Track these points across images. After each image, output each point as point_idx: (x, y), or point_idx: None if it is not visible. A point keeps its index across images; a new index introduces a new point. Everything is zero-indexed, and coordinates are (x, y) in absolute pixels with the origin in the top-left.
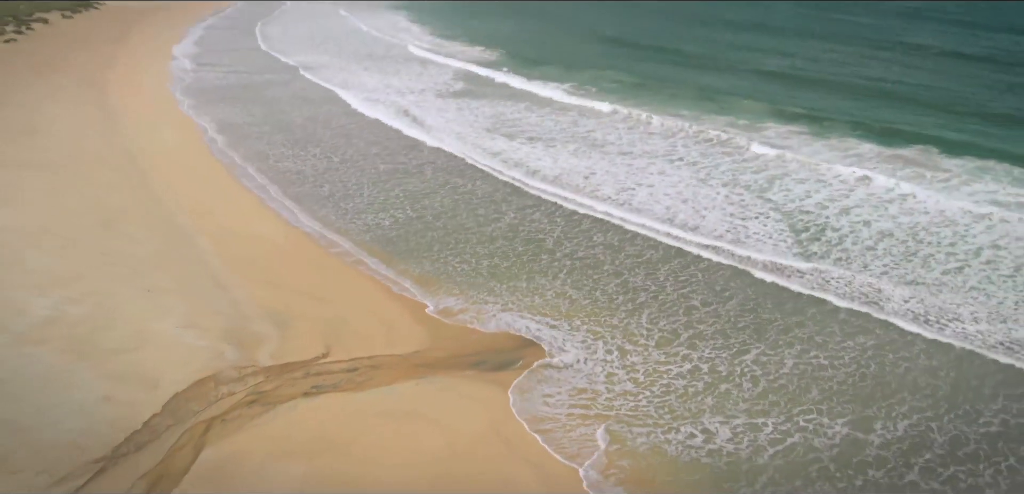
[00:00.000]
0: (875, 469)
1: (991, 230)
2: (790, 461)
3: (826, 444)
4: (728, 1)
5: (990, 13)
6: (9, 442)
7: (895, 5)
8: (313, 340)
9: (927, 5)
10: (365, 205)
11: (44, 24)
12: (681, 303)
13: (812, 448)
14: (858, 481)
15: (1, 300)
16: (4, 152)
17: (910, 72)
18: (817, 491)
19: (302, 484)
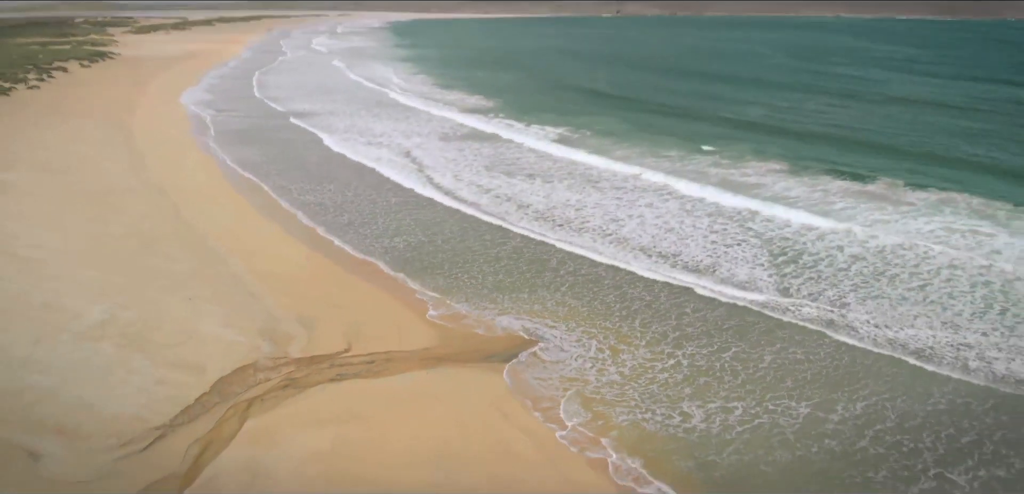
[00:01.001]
0: (832, 440)
1: (948, 252)
2: (756, 435)
3: (790, 422)
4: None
5: (968, 65)
6: (80, 416)
7: (877, 57)
8: (336, 338)
9: (906, 59)
10: (380, 231)
11: (63, 73)
12: (673, 310)
13: (777, 425)
14: (814, 448)
15: (59, 307)
16: (45, 186)
17: (884, 120)
18: (777, 457)
19: (331, 446)
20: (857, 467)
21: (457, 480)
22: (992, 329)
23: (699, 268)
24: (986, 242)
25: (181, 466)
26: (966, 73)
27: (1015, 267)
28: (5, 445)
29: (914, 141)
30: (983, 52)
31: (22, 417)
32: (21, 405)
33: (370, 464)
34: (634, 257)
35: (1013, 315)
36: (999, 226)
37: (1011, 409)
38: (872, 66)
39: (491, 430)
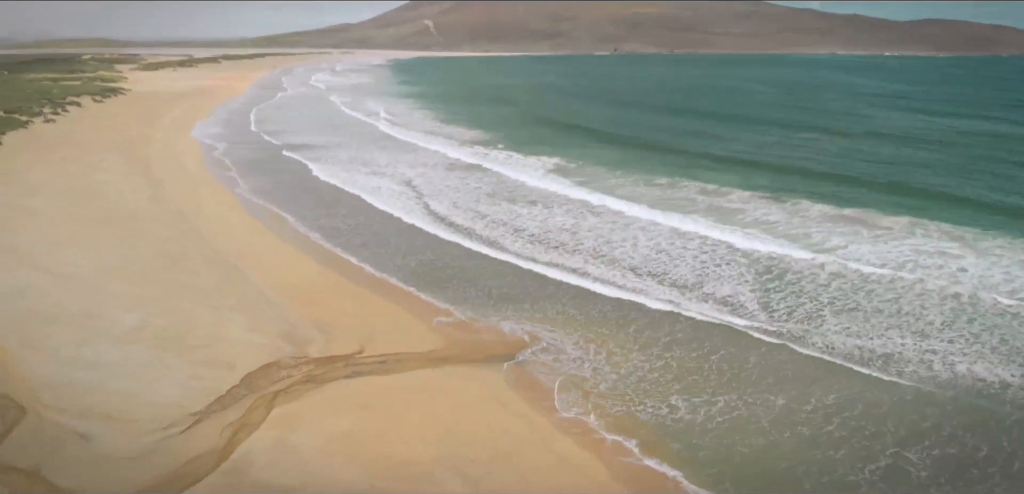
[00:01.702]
0: (803, 426)
1: (918, 270)
2: (734, 422)
3: (766, 412)
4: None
5: (953, 100)
6: (124, 404)
7: (866, 93)
8: (350, 341)
9: (894, 94)
10: (392, 250)
11: (77, 107)
12: (666, 320)
13: (754, 416)
14: (786, 433)
15: (98, 315)
16: (75, 211)
17: (865, 153)
18: (751, 442)
19: (350, 428)
20: (822, 448)
21: (461, 453)
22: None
23: (688, 284)
24: (953, 262)
25: (217, 444)
26: (949, 108)
27: (978, 284)
28: (60, 428)
29: (892, 172)
30: (970, 88)
31: (73, 405)
32: (71, 396)
33: (385, 441)
34: (622, 276)
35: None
36: (967, 247)
37: (965, 403)
38: (860, 102)
39: (491, 415)
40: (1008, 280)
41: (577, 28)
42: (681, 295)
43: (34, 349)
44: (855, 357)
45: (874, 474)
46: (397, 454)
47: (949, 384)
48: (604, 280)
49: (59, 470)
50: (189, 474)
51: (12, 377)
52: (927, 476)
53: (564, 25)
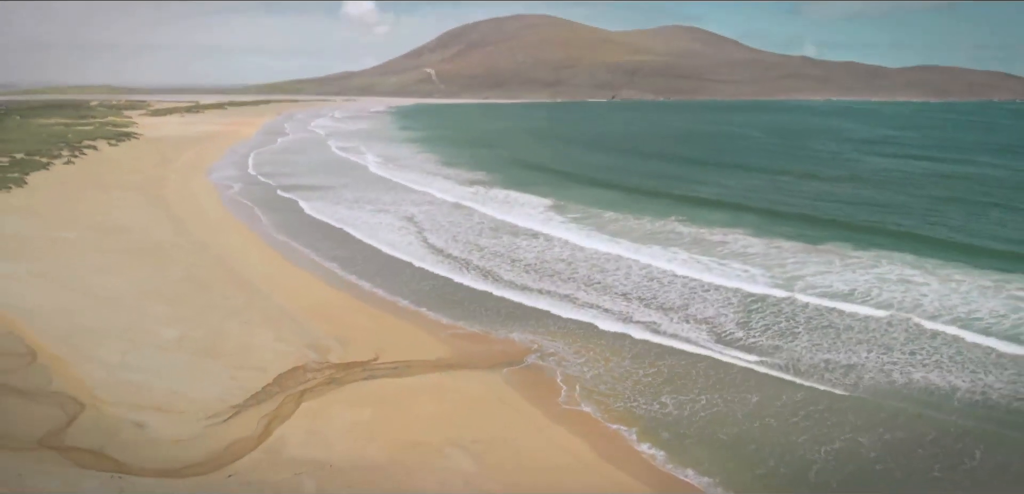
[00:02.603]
0: (772, 419)
1: (884, 292)
2: (715, 416)
3: (742, 408)
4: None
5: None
6: (171, 399)
7: (855, 138)
8: (366, 350)
9: (882, 139)
10: (408, 277)
11: (94, 151)
12: (654, 334)
13: (731, 411)
14: (756, 424)
15: (140, 329)
16: (106, 243)
17: (846, 194)
18: (729, 431)
19: (370, 417)
20: (789, 435)
21: (466, 436)
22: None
23: (675, 307)
24: (914, 289)
25: (255, 431)
26: (931, 152)
27: (937, 307)
28: (116, 418)
29: (869, 211)
30: (959, 132)
31: (126, 400)
32: (124, 393)
33: (399, 427)
34: (611, 300)
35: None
36: (929, 275)
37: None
38: (847, 146)
39: (494, 408)
40: (965, 303)
41: (576, 76)
42: (665, 316)
43: (86, 357)
44: (819, 365)
45: (829, 453)
46: (410, 437)
47: (902, 387)
48: (596, 306)
49: (120, 450)
50: (233, 453)
51: (69, 379)
52: (875, 456)
53: (563, 73)
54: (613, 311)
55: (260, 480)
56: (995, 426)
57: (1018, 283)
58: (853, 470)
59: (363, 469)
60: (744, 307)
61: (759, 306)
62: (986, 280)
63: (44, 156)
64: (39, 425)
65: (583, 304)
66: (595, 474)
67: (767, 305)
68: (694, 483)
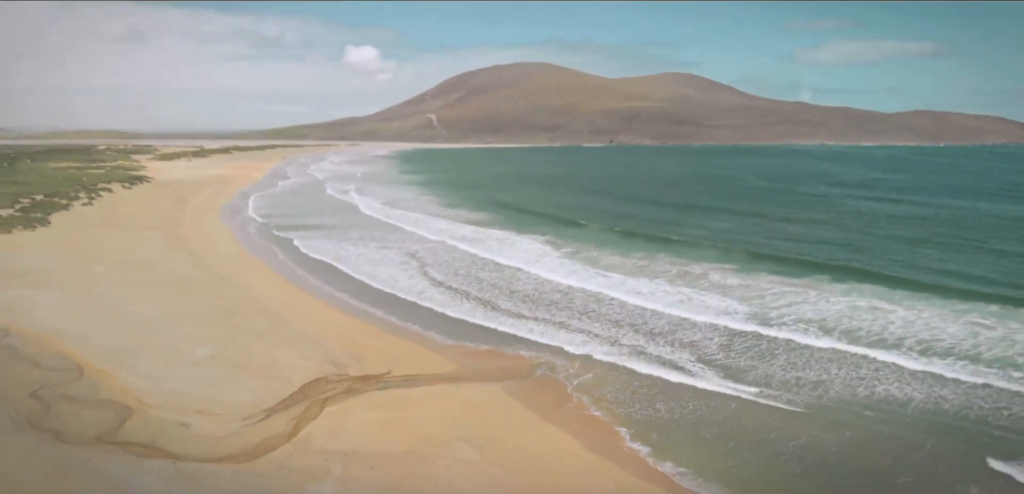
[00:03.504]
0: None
1: (871, 319)
2: (697, 421)
3: (723, 413)
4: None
5: (927, 186)
6: (209, 404)
7: (845, 180)
8: (380, 365)
9: (871, 181)
10: (414, 305)
11: (110, 193)
12: (643, 353)
13: (713, 415)
14: (735, 425)
15: (175, 348)
16: (133, 276)
17: (828, 232)
18: (710, 430)
19: (386, 418)
20: (761, 432)
21: (471, 432)
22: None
23: (663, 332)
24: (882, 316)
25: (286, 429)
26: (917, 194)
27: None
28: (162, 420)
29: (847, 250)
30: (944, 175)
31: (169, 405)
32: (166, 400)
33: (412, 425)
34: (602, 326)
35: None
36: (895, 305)
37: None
38: (836, 188)
39: (496, 411)
40: (928, 327)
41: (574, 121)
42: (652, 340)
43: (129, 371)
44: (790, 384)
45: (796, 447)
46: (422, 432)
47: (864, 399)
48: (588, 332)
49: (169, 444)
50: (268, 446)
51: (116, 389)
52: (836, 450)
53: (562, 118)
54: (603, 336)
55: (293, 465)
56: (940, 434)
57: (978, 313)
58: (814, 461)
59: (381, 457)
60: (725, 332)
61: (738, 330)
62: (948, 310)
63: (63, 198)
64: (94, 426)
65: (576, 329)
66: (586, 464)
67: (746, 330)
68: (672, 475)
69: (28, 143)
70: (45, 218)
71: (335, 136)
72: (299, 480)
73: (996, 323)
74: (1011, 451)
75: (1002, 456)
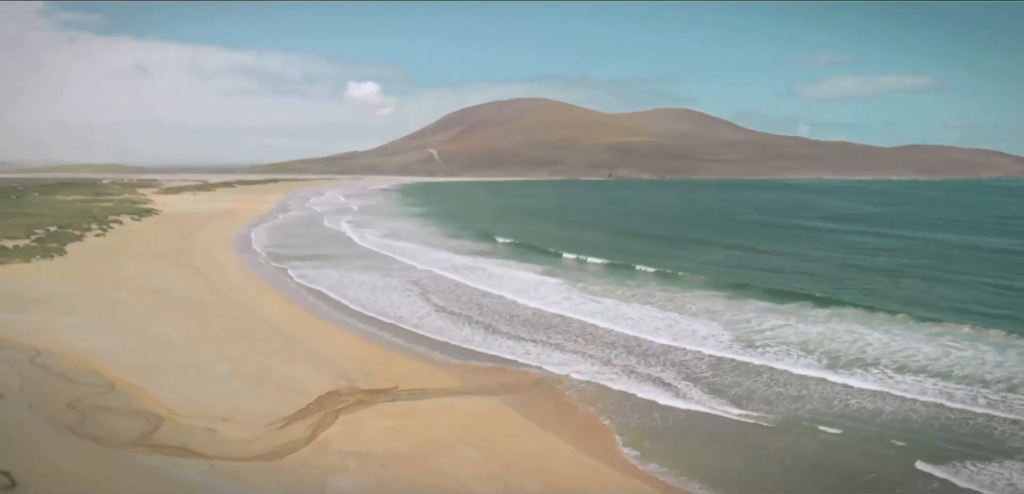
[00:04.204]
0: (724, 425)
1: (850, 341)
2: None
3: (705, 420)
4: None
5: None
6: (234, 413)
7: (837, 213)
8: (389, 380)
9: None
10: (419, 327)
11: (120, 225)
12: (636, 371)
13: (697, 422)
14: (714, 428)
15: (197, 365)
16: (151, 301)
17: (814, 262)
18: (694, 436)
19: (396, 424)
20: (733, 439)
21: (472, 436)
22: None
23: (656, 353)
24: (861, 338)
25: (304, 434)
26: (908, 226)
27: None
28: (191, 426)
29: (832, 276)
30: (938, 208)
31: (197, 414)
32: (193, 410)
33: (419, 430)
34: (598, 349)
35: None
36: (873, 328)
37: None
38: (829, 220)
39: (496, 420)
40: (903, 348)
41: (573, 156)
42: (641, 360)
43: (157, 385)
44: (770, 399)
45: (777, 449)
46: (428, 436)
47: (840, 411)
48: (583, 352)
49: (200, 447)
50: (289, 448)
51: (147, 400)
52: (812, 453)
53: (561, 153)
54: (598, 356)
55: (314, 463)
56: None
57: (950, 336)
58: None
59: (392, 457)
60: (711, 353)
61: (723, 350)
62: (921, 333)
63: (76, 229)
64: (129, 432)
65: (571, 351)
66: (579, 464)
67: (731, 351)
68: (658, 475)
69: (32, 176)
70: (61, 248)
71: (337, 170)
72: (320, 475)
73: (966, 345)
74: (942, 455)
75: (932, 460)
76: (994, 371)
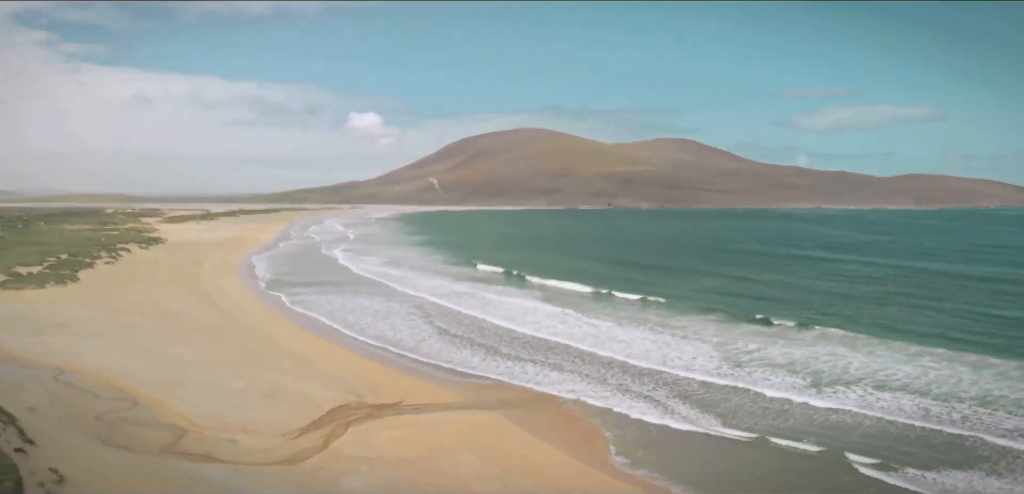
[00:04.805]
0: (702, 439)
1: (833, 361)
2: (671, 441)
3: (689, 439)
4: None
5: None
6: (252, 425)
7: (833, 242)
8: (394, 395)
9: (857, 243)
10: (423, 348)
11: (128, 253)
12: (627, 389)
13: (679, 435)
14: (693, 441)
15: (214, 382)
16: (165, 325)
17: (803, 289)
18: (679, 448)
19: (403, 434)
20: (719, 449)
21: (473, 443)
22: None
23: (648, 371)
24: (842, 359)
25: (318, 443)
26: (900, 254)
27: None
28: (213, 437)
29: (821, 301)
30: (931, 236)
31: (217, 426)
32: (214, 422)
33: (424, 439)
34: (593, 369)
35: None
36: (855, 350)
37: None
38: (823, 249)
39: (494, 430)
40: (883, 368)
41: (573, 184)
42: (635, 379)
43: (178, 399)
44: (755, 414)
45: (759, 458)
46: (432, 444)
47: (821, 424)
48: (579, 372)
49: (223, 454)
50: (304, 454)
51: (169, 414)
52: (790, 463)
53: (560, 182)
54: (594, 376)
55: (328, 467)
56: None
57: (929, 356)
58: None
59: (399, 461)
60: (701, 372)
61: (713, 370)
62: (901, 354)
63: (86, 257)
64: (155, 442)
65: (568, 370)
66: (573, 470)
67: (720, 370)
68: (647, 479)
69: (36, 206)
70: (74, 275)
71: (338, 199)
72: (334, 477)
73: (944, 365)
74: (911, 465)
75: (901, 470)
76: (969, 389)
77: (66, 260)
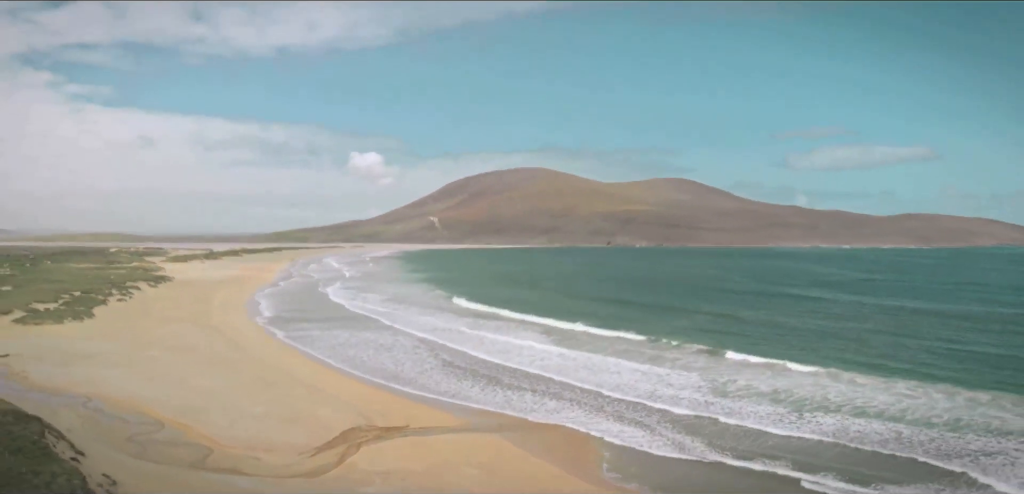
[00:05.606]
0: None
1: (815, 391)
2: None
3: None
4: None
5: (903, 286)
6: (272, 443)
7: (827, 281)
8: (402, 420)
9: (851, 281)
10: (427, 378)
11: (139, 291)
12: (619, 413)
13: (669, 458)
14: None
15: (234, 406)
16: (183, 357)
17: (794, 326)
18: (666, 465)
19: (410, 451)
20: (704, 468)
21: (474, 458)
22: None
23: (642, 395)
24: (821, 390)
25: (333, 460)
26: (889, 292)
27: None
28: (238, 455)
29: (810, 340)
30: (923, 275)
31: (241, 445)
32: (237, 442)
33: (431, 455)
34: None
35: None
36: (839, 382)
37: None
38: (817, 287)
39: (493, 448)
40: (864, 398)
41: (572, 223)
42: (627, 408)
43: (202, 422)
44: (737, 435)
45: (741, 476)
46: (438, 460)
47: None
48: (576, 401)
49: (247, 469)
50: (322, 470)
51: (195, 435)
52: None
53: (560, 220)
54: (588, 404)
55: (345, 479)
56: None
57: (903, 387)
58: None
59: (409, 474)
60: (689, 402)
61: (701, 399)
62: (880, 384)
63: (99, 294)
64: (185, 458)
65: (568, 399)
66: (567, 484)
67: (708, 401)
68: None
69: (39, 245)
70: (89, 311)
71: (339, 238)
72: (351, 487)
73: (920, 393)
74: (887, 483)
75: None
76: (942, 416)
77: (80, 297)
